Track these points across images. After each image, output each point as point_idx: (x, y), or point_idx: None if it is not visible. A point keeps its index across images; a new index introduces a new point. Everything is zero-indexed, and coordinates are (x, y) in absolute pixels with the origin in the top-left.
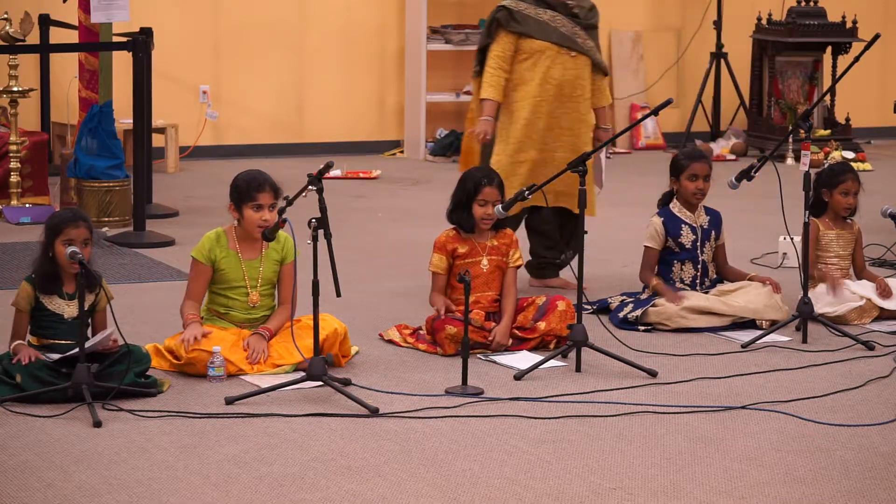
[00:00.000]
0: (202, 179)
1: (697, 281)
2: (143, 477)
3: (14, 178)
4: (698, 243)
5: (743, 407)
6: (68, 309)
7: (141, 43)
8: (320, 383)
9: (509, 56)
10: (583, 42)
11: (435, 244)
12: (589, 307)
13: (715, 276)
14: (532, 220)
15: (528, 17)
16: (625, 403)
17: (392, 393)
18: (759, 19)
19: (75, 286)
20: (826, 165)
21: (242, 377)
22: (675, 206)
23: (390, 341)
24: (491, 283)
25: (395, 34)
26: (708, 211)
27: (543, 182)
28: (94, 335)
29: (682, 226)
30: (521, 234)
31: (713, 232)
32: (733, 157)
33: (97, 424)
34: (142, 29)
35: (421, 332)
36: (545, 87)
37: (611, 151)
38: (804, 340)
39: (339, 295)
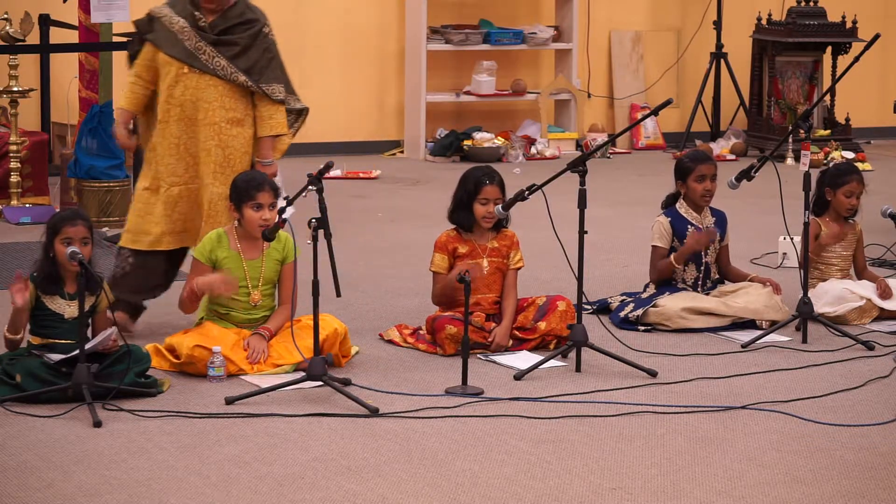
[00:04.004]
0: None
1: (699, 282)
2: (143, 477)
3: (14, 178)
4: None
5: (743, 407)
6: (69, 309)
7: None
8: (320, 383)
9: (149, 67)
10: (208, 59)
11: (436, 244)
12: (589, 307)
13: (717, 277)
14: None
15: (163, 26)
16: (625, 403)
17: (392, 393)
18: (759, 19)
19: (76, 286)
20: (832, 164)
21: (242, 377)
22: (682, 207)
23: (390, 341)
24: (491, 284)
25: (395, 34)
26: (714, 212)
27: (544, 181)
28: (94, 336)
29: (688, 227)
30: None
31: (718, 233)
32: (733, 157)
33: (97, 424)
34: None
35: (421, 332)
36: (167, 108)
37: (610, 152)
38: (804, 340)
39: (338, 295)
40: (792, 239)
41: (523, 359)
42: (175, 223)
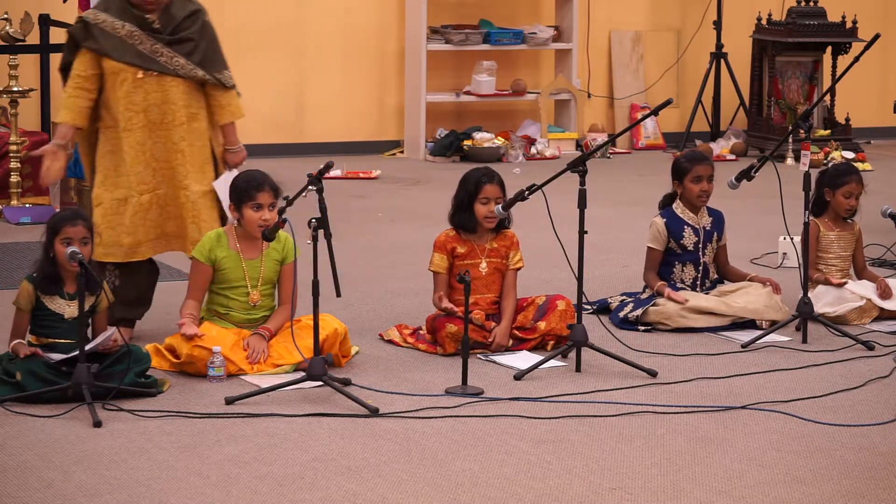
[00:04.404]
0: None
1: (698, 282)
2: (143, 477)
3: (14, 178)
4: (700, 245)
5: (743, 407)
6: (69, 309)
7: None
8: (320, 383)
9: (92, 76)
10: (167, 61)
11: (435, 244)
12: (589, 307)
13: (715, 276)
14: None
15: (105, 32)
16: (625, 403)
17: (392, 393)
18: (759, 19)
19: (76, 287)
20: (831, 165)
21: (242, 377)
22: (678, 208)
23: (390, 341)
24: (490, 285)
25: (395, 34)
26: (711, 212)
27: (544, 181)
28: (93, 336)
29: (685, 227)
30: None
31: (715, 233)
32: (733, 157)
33: (97, 424)
34: None
35: (421, 331)
36: (129, 116)
37: (610, 152)
38: (804, 340)
39: (339, 295)
40: (792, 239)
41: (523, 359)
42: (149, 231)
